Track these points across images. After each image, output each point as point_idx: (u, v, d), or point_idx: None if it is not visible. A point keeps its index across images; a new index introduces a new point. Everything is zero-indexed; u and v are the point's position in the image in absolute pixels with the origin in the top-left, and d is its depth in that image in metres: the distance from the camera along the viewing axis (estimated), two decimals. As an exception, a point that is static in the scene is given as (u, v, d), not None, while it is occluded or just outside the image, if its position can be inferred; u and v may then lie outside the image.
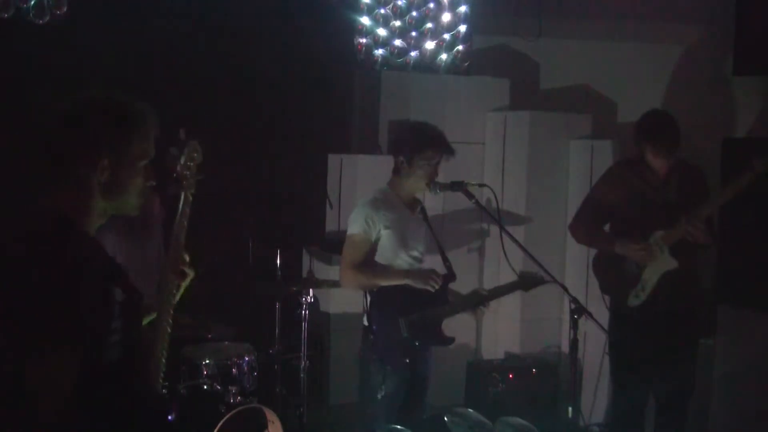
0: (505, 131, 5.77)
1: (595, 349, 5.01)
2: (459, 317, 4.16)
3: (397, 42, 5.72)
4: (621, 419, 4.62)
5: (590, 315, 3.61)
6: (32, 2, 4.45)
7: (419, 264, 4.10)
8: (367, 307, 3.91)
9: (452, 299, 4.06)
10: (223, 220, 5.19)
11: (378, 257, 3.97)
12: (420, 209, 4.15)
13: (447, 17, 5.85)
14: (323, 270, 5.54)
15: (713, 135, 4.96)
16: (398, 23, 5.73)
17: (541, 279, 4.07)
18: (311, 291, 4.54)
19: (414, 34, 5.80)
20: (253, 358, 4.45)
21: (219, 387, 4.23)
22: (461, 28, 5.91)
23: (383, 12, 5.70)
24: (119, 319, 2.05)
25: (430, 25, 5.83)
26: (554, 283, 3.75)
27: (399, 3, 5.74)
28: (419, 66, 5.86)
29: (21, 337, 1.92)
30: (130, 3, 5.15)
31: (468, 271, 5.59)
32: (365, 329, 3.99)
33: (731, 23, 4.68)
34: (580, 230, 4.63)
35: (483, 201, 4.15)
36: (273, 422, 4.02)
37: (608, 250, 4.44)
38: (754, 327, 4.43)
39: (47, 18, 4.50)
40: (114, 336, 2.05)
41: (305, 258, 5.80)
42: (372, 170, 5.20)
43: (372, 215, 3.93)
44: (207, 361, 4.29)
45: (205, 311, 4.74)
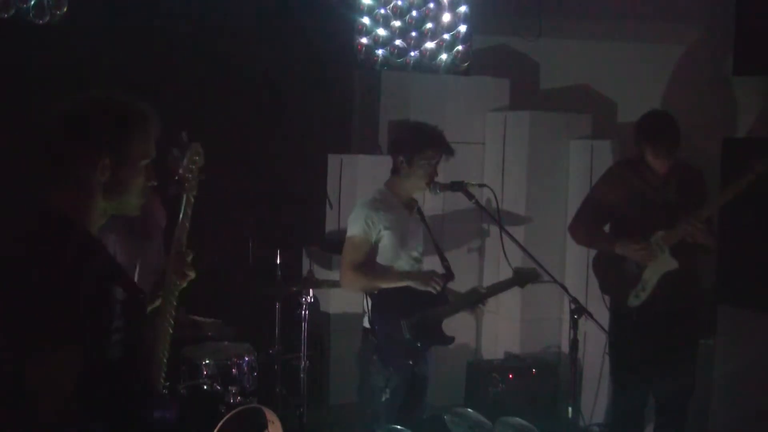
0: (505, 131, 5.77)
1: (595, 349, 5.01)
2: (459, 317, 4.16)
3: (397, 42, 5.71)
4: (621, 419, 4.62)
5: (590, 315, 3.61)
6: (32, 2, 4.44)
7: (419, 264, 4.10)
8: (369, 309, 3.91)
9: (451, 299, 4.06)
10: (223, 220, 5.19)
11: (378, 258, 3.97)
12: (417, 209, 4.15)
13: (447, 17, 5.85)
14: (323, 270, 5.54)
15: (713, 135, 4.95)
16: (398, 23, 5.72)
17: (537, 274, 4.08)
18: (311, 291, 4.55)
19: (414, 34, 5.79)
20: (253, 358, 4.45)
21: (219, 387, 4.24)
22: (461, 28, 5.91)
23: (383, 12, 5.70)
24: (121, 319, 2.05)
25: (430, 25, 5.83)
26: (554, 283, 3.75)
27: (399, 3, 5.73)
28: (419, 66, 5.85)
29: (22, 337, 1.92)
30: (130, 3, 5.15)
31: (468, 271, 5.59)
32: (365, 331, 4.00)
33: (731, 23, 4.67)
34: (580, 231, 4.63)
35: (483, 201, 4.15)
36: (273, 422, 4.02)
37: (608, 251, 4.44)
38: (754, 327, 4.42)
39: (47, 18, 4.50)
40: (116, 335, 2.04)
41: (305, 258, 5.80)
42: (372, 170, 5.20)
43: (372, 216, 3.93)
44: (207, 361, 4.29)
45: (205, 311, 4.75)
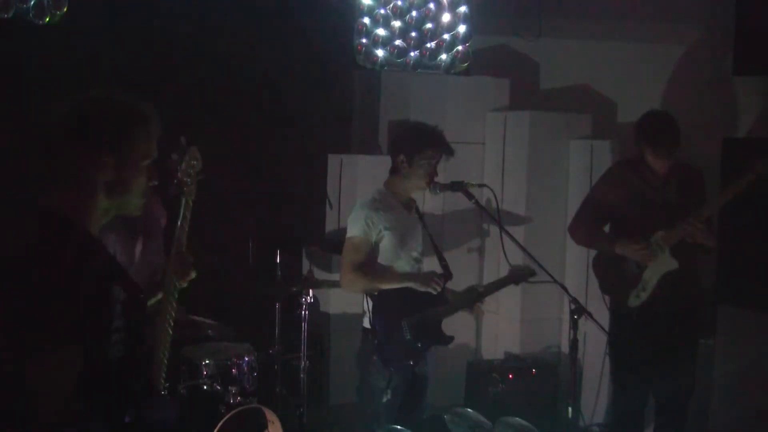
0: (505, 131, 5.77)
1: (595, 349, 5.01)
2: (459, 317, 4.17)
3: (397, 42, 5.71)
4: (621, 419, 4.62)
5: (590, 315, 3.61)
6: (32, 2, 4.44)
7: (419, 264, 4.10)
8: (369, 310, 3.90)
9: (450, 298, 4.06)
10: (223, 220, 5.19)
11: (378, 258, 3.97)
12: (415, 209, 4.15)
13: (447, 17, 5.84)
14: (323, 270, 5.54)
15: (713, 135, 4.96)
16: (398, 23, 5.72)
17: (532, 272, 4.09)
18: (311, 291, 4.54)
19: (414, 34, 5.79)
20: (253, 358, 4.45)
21: (219, 387, 4.24)
22: (461, 28, 5.90)
23: (383, 12, 5.69)
24: (121, 319, 2.05)
25: (430, 25, 5.82)
26: (554, 283, 3.75)
27: (399, 3, 5.72)
28: (419, 66, 5.85)
29: (22, 337, 1.93)
30: (130, 3, 5.15)
31: (468, 271, 5.59)
32: (365, 331, 3.99)
33: (731, 23, 4.67)
34: (580, 231, 4.63)
35: (483, 201, 4.15)
36: (273, 422, 4.02)
37: (608, 251, 4.44)
38: (754, 327, 4.42)
39: (47, 18, 4.49)
40: (116, 335, 2.05)
41: (305, 258, 5.80)
42: (372, 170, 5.20)
43: (372, 216, 3.93)
44: (207, 361, 4.28)
45: (205, 311, 4.75)
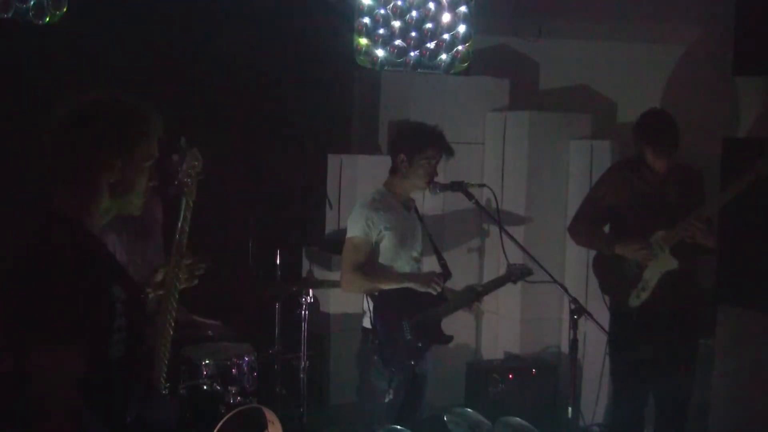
0: (505, 131, 5.77)
1: (595, 349, 5.01)
2: (458, 317, 4.16)
3: (397, 42, 5.71)
4: (621, 419, 4.62)
5: (590, 315, 3.61)
6: (32, 2, 4.44)
7: (418, 264, 4.10)
8: (370, 310, 3.90)
9: (449, 297, 4.06)
10: (223, 220, 5.19)
11: (379, 259, 3.97)
12: (414, 209, 4.15)
13: (447, 17, 5.85)
14: (323, 270, 5.54)
15: (713, 135, 4.95)
16: (398, 23, 5.72)
17: (529, 270, 4.10)
18: (311, 291, 4.54)
19: (414, 34, 5.79)
20: (253, 358, 4.45)
21: (219, 387, 4.24)
22: (461, 28, 5.90)
23: (383, 12, 5.69)
24: (122, 318, 2.05)
25: (430, 25, 5.82)
26: (554, 283, 3.74)
27: (399, 3, 5.73)
28: (419, 66, 5.85)
29: (23, 336, 1.93)
30: (130, 3, 5.14)
31: (468, 271, 5.59)
32: (365, 330, 3.99)
33: (731, 23, 4.67)
34: (580, 231, 4.63)
35: (483, 201, 4.15)
36: (273, 422, 4.02)
37: (608, 251, 4.44)
38: (754, 327, 4.42)
39: (47, 18, 4.49)
40: (117, 335, 2.05)
41: (305, 258, 5.80)
42: (372, 170, 5.20)
43: (372, 216, 3.93)
44: (207, 361, 4.28)
45: (205, 311, 4.74)
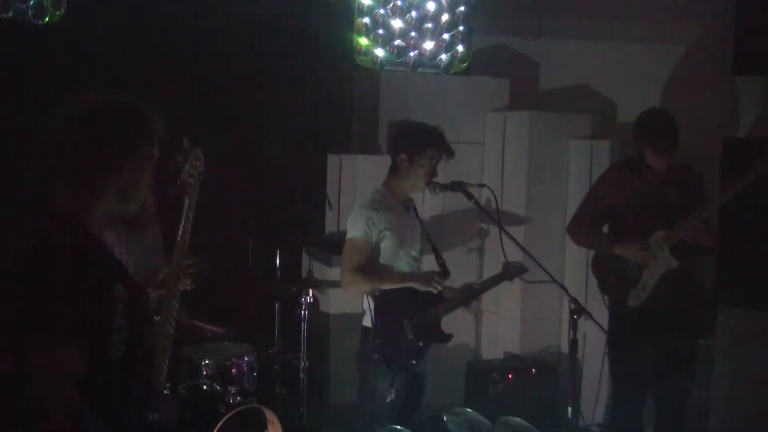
0: (505, 131, 5.77)
1: (595, 349, 5.01)
2: (459, 317, 4.17)
3: (397, 42, 5.71)
4: (620, 419, 4.62)
5: (590, 315, 3.61)
6: (31, 2, 4.44)
7: (418, 264, 4.11)
8: (371, 311, 3.90)
9: (447, 296, 4.06)
10: (223, 220, 5.19)
11: (379, 259, 3.97)
12: (413, 208, 4.15)
13: (447, 17, 5.85)
14: (323, 270, 5.54)
15: (713, 135, 4.95)
16: (398, 23, 5.72)
17: (524, 268, 4.11)
18: (311, 291, 4.54)
19: (414, 34, 5.79)
20: (253, 358, 4.45)
21: (219, 387, 4.24)
22: (461, 29, 5.91)
23: (383, 12, 5.69)
24: (123, 318, 2.06)
25: (430, 25, 5.82)
26: (554, 283, 3.74)
27: (399, 3, 5.73)
28: (419, 66, 5.86)
29: (24, 336, 1.93)
30: (130, 3, 5.14)
31: (468, 271, 5.58)
32: (365, 330, 3.99)
33: (731, 23, 4.67)
34: (579, 231, 4.62)
35: (483, 201, 4.15)
36: (273, 422, 4.03)
37: (608, 251, 4.43)
38: (754, 327, 4.42)
39: (46, 18, 4.49)
40: (118, 335, 2.05)
41: (305, 258, 5.80)
42: (372, 170, 5.19)
43: (372, 217, 3.93)
44: (207, 361, 4.28)
45: (205, 311, 4.74)
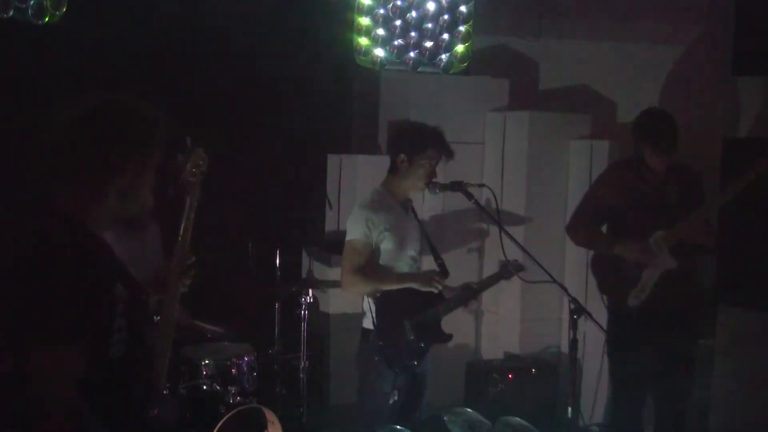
0: (505, 131, 5.77)
1: (595, 349, 5.01)
2: (459, 317, 4.17)
3: (397, 42, 5.71)
4: (620, 419, 4.62)
5: (590, 315, 3.61)
6: (31, 2, 4.43)
7: (417, 264, 4.11)
8: (372, 312, 3.89)
9: (446, 296, 4.06)
10: (223, 220, 5.19)
11: (380, 260, 3.97)
12: (411, 209, 4.15)
13: (447, 17, 5.85)
14: (323, 270, 5.54)
15: (713, 135, 4.96)
16: (398, 23, 5.72)
17: (521, 266, 4.12)
18: (311, 291, 4.55)
19: (414, 34, 5.79)
20: (253, 359, 4.45)
21: (219, 387, 4.24)
22: (461, 29, 5.91)
23: (383, 12, 5.69)
24: (123, 318, 2.06)
25: (430, 25, 5.82)
26: (554, 283, 3.74)
27: (399, 3, 5.73)
28: (419, 66, 5.86)
29: (24, 336, 1.93)
30: (130, 3, 5.15)
31: (468, 271, 5.58)
32: (365, 331, 3.99)
33: (731, 23, 4.67)
34: (579, 231, 4.62)
35: (482, 201, 4.15)
36: (273, 422, 4.03)
37: (607, 251, 4.43)
38: (754, 327, 4.42)
39: (46, 18, 4.49)
40: (118, 335, 2.05)
41: (305, 258, 5.80)
42: (372, 170, 5.20)
43: (372, 218, 3.92)
44: (207, 361, 4.29)
45: (205, 311, 4.74)
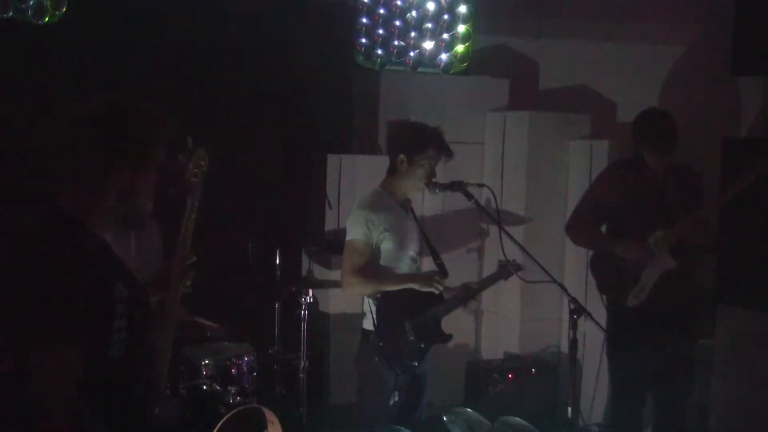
0: (505, 131, 5.77)
1: (595, 349, 5.01)
2: (459, 317, 4.17)
3: (397, 42, 5.72)
4: (620, 419, 4.62)
5: (589, 315, 3.61)
6: (31, 2, 4.44)
7: (416, 264, 4.10)
8: (373, 313, 3.89)
9: (446, 296, 4.06)
10: (223, 220, 5.19)
11: (380, 260, 3.97)
12: (410, 209, 4.15)
13: (447, 17, 5.85)
14: (323, 270, 5.54)
15: (713, 135, 4.96)
16: (398, 23, 5.72)
17: (519, 266, 4.13)
18: (311, 291, 4.54)
19: (414, 34, 5.79)
20: (253, 359, 4.45)
21: (219, 387, 4.24)
22: (461, 29, 5.91)
23: (383, 12, 5.70)
24: (123, 319, 2.06)
25: (430, 25, 5.83)
26: (554, 283, 3.74)
27: (399, 3, 5.73)
28: (419, 66, 5.86)
29: (24, 336, 1.93)
30: (130, 3, 5.15)
31: (468, 271, 5.58)
32: (365, 332, 3.98)
33: (731, 23, 4.68)
34: (578, 231, 4.62)
35: (482, 201, 4.15)
36: (273, 422, 4.02)
37: (607, 251, 4.43)
38: (754, 327, 4.43)
39: (46, 18, 4.49)
40: (118, 335, 2.05)
41: (305, 258, 5.80)
42: (372, 170, 5.18)
43: (372, 218, 3.91)
44: (207, 362, 4.28)
45: (205, 311, 4.74)
